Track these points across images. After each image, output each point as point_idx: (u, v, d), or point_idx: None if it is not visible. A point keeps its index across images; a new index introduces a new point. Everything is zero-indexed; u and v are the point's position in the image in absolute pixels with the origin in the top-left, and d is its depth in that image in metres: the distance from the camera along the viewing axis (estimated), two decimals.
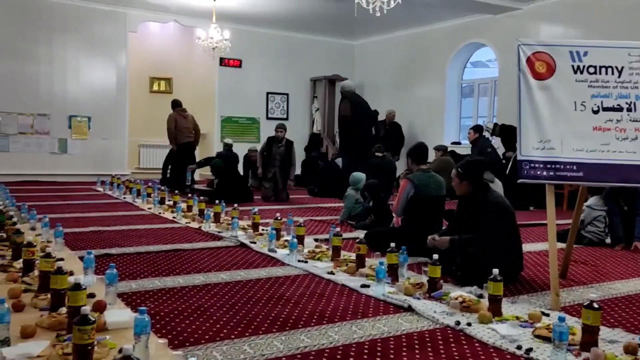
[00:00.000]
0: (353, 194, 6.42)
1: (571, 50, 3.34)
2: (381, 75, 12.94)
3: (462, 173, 3.82)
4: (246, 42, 12.14)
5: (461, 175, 3.82)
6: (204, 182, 9.93)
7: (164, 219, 6.19)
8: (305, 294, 3.35)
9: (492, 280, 2.94)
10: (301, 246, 4.53)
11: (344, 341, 2.55)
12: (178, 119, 9.34)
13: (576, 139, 3.28)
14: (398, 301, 3.16)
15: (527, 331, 2.70)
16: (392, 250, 3.69)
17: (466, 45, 11.09)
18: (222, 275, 3.72)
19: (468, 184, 3.80)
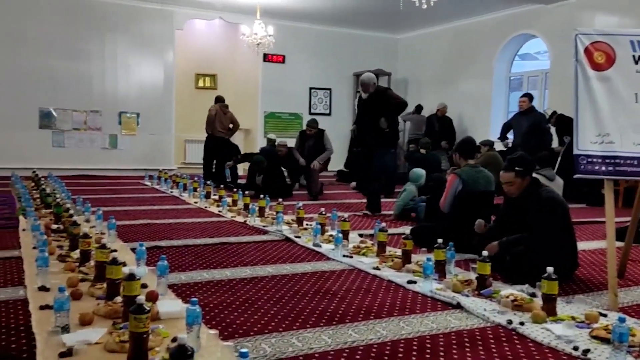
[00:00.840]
0: (412, 190, 6.33)
1: (632, 40, 3.19)
2: (425, 70, 12.75)
3: (523, 170, 3.66)
4: (289, 38, 12.18)
5: (522, 173, 3.66)
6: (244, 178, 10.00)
7: (210, 213, 6.29)
8: (351, 288, 3.33)
9: (547, 279, 2.84)
10: (346, 241, 4.52)
11: (392, 337, 2.52)
12: (218, 112, 9.50)
13: (636, 133, 3.13)
14: (446, 298, 3.11)
15: (583, 332, 2.60)
16: (439, 247, 3.63)
17: (515, 37, 10.77)
18: (268, 269, 3.74)
19: (525, 180, 3.67)
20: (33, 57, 10.27)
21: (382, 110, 6.39)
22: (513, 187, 3.69)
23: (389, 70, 13.06)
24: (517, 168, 3.66)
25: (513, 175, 3.67)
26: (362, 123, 6.64)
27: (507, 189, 3.73)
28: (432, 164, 8.17)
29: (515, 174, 3.66)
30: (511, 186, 3.70)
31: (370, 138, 6.44)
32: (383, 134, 6.41)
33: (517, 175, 3.66)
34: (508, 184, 3.71)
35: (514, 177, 3.67)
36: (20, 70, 10.17)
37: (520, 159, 3.75)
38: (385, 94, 6.61)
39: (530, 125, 7.77)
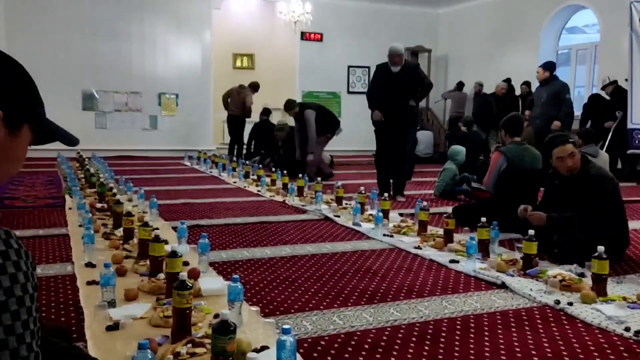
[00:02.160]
0: (453, 168, 6.21)
1: None
2: (467, 46, 12.40)
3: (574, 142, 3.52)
4: (327, 15, 12.04)
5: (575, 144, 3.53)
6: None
7: (249, 192, 6.34)
8: (392, 267, 3.29)
9: (597, 258, 2.73)
10: (386, 220, 4.47)
11: (435, 316, 2.48)
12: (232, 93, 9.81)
13: None
14: (490, 277, 3.03)
15: (635, 312, 2.50)
16: (483, 225, 3.54)
17: (563, 8, 10.31)
18: (308, 248, 3.74)
19: (578, 152, 3.53)
20: (76, 40, 10.51)
21: (413, 87, 5.98)
22: (575, 158, 3.50)
23: (429, 46, 12.77)
24: (570, 140, 3.53)
25: (572, 146, 3.51)
26: (389, 99, 5.94)
27: (570, 162, 3.50)
28: (474, 142, 7.94)
29: (572, 145, 3.51)
30: (573, 158, 3.50)
31: (399, 116, 5.92)
32: (412, 113, 6.06)
33: (575, 146, 3.52)
34: (570, 156, 3.49)
35: (574, 147, 3.51)
36: (64, 53, 10.43)
37: (564, 134, 3.62)
38: (417, 70, 6.19)
39: (549, 95, 7.25)
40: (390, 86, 5.95)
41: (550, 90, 7.29)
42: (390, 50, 5.96)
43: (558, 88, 7.28)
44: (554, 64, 7.71)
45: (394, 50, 5.95)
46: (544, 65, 7.60)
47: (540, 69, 7.60)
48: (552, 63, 7.71)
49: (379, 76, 6.13)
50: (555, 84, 7.35)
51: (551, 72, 7.47)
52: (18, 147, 0.95)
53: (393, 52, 5.95)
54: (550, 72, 7.45)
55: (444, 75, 13.16)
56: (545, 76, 7.44)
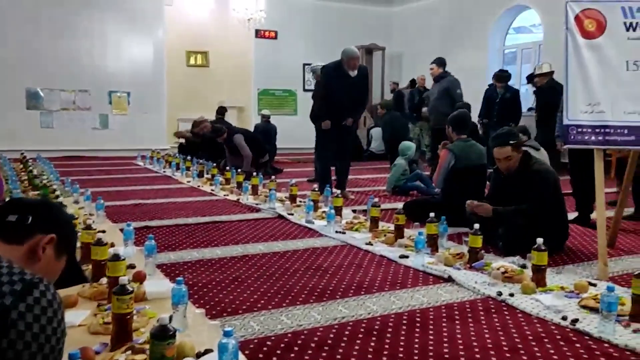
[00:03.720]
0: (403, 164, 6.30)
1: (623, 6, 3.11)
2: (420, 43, 12.58)
3: (516, 143, 3.61)
4: (281, 13, 12.00)
5: (517, 145, 3.61)
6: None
7: (203, 192, 6.26)
8: (343, 264, 3.32)
9: (536, 250, 2.84)
10: (339, 217, 4.50)
11: (382, 312, 2.52)
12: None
13: (628, 101, 3.09)
14: (438, 272, 3.10)
15: (572, 302, 2.60)
16: (431, 221, 3.61)
17: (508, 9, 10.62)
18: (260, 247, 3.73)
19: (520, 153, 3.64)
20: (18, 36, 10.09)
21: (364, 91, 5.98)
22: (512, 161, 3.63)
23: (383, 44, 12.91)
24: (511, 142, 3.61)
25: (510, 149, 3.60)
26: (343, 103, 5.74)
27: (506, 164, 3.65)
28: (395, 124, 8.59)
29: (512, 148, 3.61)
30: (510, 160, 3.63)
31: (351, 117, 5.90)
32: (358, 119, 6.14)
33: (514, 148, 3.61)
34: (507, 159, 3.63)
35: (511, 150, 3.61)
36: (4, 50, 10.00)
37: (509, 133, 3.71)
38: (367, 77, 6.08)
39: (439, 92, 7.13)
40: (345, 90, 5.74)
41: (441, 87, 7.14)
42: (350, 54, 5.72)
43: (447, 84, 7.10)
44: (444, 60, 7.38)
45: (353, 53, 5.74)
46: (437, 62, 7.33)
47: (434, 66, 7.34)
48: (442, 59, 7.37)
49: (333, 79, 5.83)
50: (445, 80, 7.17)
51: (444, 68, 7.28)
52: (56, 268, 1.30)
53: (353, 55, 5.72)
54: (443, 68, 7.26)
55: (398, 72, 13.32)
56: (438, 72, 7.26)
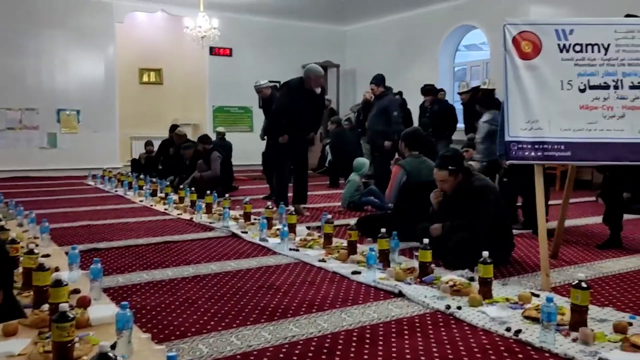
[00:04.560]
0: (357, 180, 6.38)
1: (557, 29, 3.29)
2: (373, 61, 12.81)
3: (455, 169, 3.71)
4: (236, 31, 12.01)
5: (455, 171, 3.71)
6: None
7: (156, 211, 6.15)
8: (295, 282, 3.33)
9: (482, 263, 2.92)
10: (293, 234, 4.51)
11: (333, 329, 2.53)
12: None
13: (563, 119, 3.24)
14: (389, 287, 3.15)
15: (517, 313, 2.68)
16: (383, 236, 3.67)
17: (457, 28, 10.99)
18: (212, 266, 3.69)
19: (458, 177, 3.74)
20: None
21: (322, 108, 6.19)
22: (447, 184, 3.76)
23: (337, 62, 13.09)
24: (450, 167, 3.71)
25: (447, 174, 3.72)
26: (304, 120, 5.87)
27: (441, 186, 3.79)
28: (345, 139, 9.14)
29: (449, 173, 3.71)
30: (445, 184, 3.76)
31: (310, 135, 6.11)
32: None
33: (451, 174, 3.71)
34: (442, 182, 3.76)
35: (448, 175, 3.72)
36: None
37: (452, 158, 3.80)
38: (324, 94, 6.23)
39: (377, 109, 7.05)
40: (307, 107, 5.80)
41: (380, 105, 7.02)
42: (316, 72, 5.78)
43: (386, 103, 7.02)
44: (383, 78, 7.16)
45: (319, 72, 5.80)
46: (375, 81, 7.15)
47: (373, 86, 7.16)
48: (381, 77, 7.16)
49: (296, 95, 5.83)
50: (386, 99, 7.11)
51: (384, 85, 7.16)
52: None
53: (318, 74, 5.78)
54: (383, 86, 7.13)
55: (353, 89, 13.53)
56: (379, 91, 7.09)
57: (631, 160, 3.36)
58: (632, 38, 3.29)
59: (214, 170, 7.55)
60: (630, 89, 3.27)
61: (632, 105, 3.25)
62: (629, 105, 3.25)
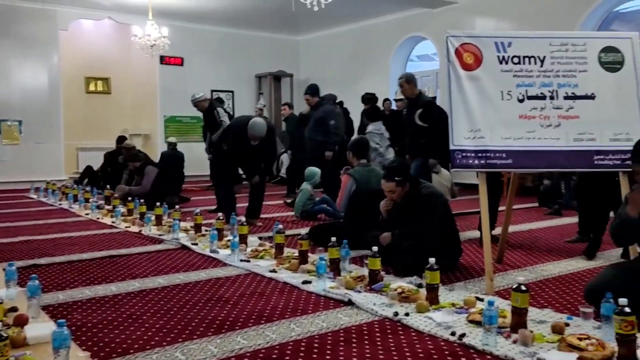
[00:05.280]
0: (308, 189, 6.39)
1: (496, 42, 3.42)
2: (327, 71, 12.94)
3: (402, 179, 3.76)
4: (187, 40, 11.87)
5: (402, 182, 3.77)
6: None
7: (102, 225, 5.97)
8: (245, 293, 3.29)
9: (429, 270, 2.96)
10: (244, 245, 4.47)
11: (281, 340, 2.51)
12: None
13: (504, 128, 3.36)
14: (338, 296, 3.15)
15: (462, 317, 2.74)
16: (333, 245, 3.68)
17: (407, 39, 11.24)
18: (160, 280, 3.60)
19: (406, 187, 3.80)
20: None
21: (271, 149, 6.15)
22: (395, 194, 3.81)
23: (290, 71, 13.13)
24: (397, 178, 3.77)
25: (394, 184, 3.77)
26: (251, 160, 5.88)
27: (390, 196, 3.84)
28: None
29: (396, 184, 3.77)
30: (393, 194, 3.81)
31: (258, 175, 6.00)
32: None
33: (398, 184, 3.77)
34: (390, 192, 3.81)
35: (395, 186, 3.77)
36: None
37: (398, 168, 3.85)
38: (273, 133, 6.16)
39: (314, 120, 7.03)
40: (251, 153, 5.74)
41: (317, 115, 7.03)
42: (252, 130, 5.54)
43: (322, 113, 6.97)
44: (317, 88, 7.23)
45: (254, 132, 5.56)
46: (309, 92, 7.18)
47: (308, 96, 7.19)
48: (315, 87, 7.22)
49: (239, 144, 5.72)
50: (321, 109, 7.09)
51: (319, 96, 7.17)
52: None
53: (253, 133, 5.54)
54: (318, 97, 7.15)
55: None
56: (315, 101, 7.11)
57: (567, 167, 3.52)
58: (566, 51, 3.45)
59: (143, 186, 7.32)
60: (565, 99, 3.43)
61: (566, 115, 3.40)
62: (563, 115, 3.41)
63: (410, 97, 5.51)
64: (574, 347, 2.22)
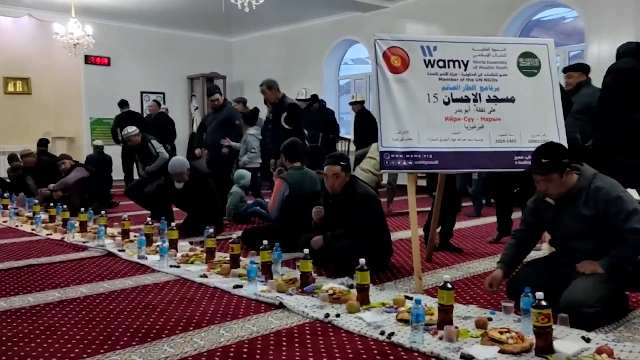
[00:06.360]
0: (238, 192, 6.32)
1: (422, 45, 3.50)
2: (260, 73, 12.66)
3: (346, 165, 3.83)
4: (114, 39, 11.43)
5: (346, 168, 3.82)
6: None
7: (21, 232, 5.63)
8: (173, 300, 3.19)
9: (359, 270, 2.98)
10: (174, 251, 4.34)
11: (210, 346, 2.45)
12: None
13: (431, 129, 3.45)
14: (269, 299, 3.12)
15: (391, 316, 2.78)
16: (265, 248, 3.64)
17: (340, 42, 11.37)
18: (82, 289, 3.43)
19: (347, 176, 3.85)
20: None
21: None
22: (339, 179, 3.81)
23: (224, 73, 12.94)
24: (342, 163, 3.82)
25: (340, 168, 3.79)
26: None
27: (333, 181, 3.83)
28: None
29: (341, 168, 3.80)
30: (337, 179, 3.81)
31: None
32: None
33: (342, 169, 3.81)
34: (335, 176, 3.80)
35: (340, 170, 3.79)
36: None
37: (342, 157, 3.93)
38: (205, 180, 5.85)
39: (218, 122, 6.86)
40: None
41: (221, 116, 6.85)
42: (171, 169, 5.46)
43: (227, 113, 6.85)
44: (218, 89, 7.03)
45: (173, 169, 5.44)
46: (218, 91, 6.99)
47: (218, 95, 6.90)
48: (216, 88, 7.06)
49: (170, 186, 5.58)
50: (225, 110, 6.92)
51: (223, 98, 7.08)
52: None
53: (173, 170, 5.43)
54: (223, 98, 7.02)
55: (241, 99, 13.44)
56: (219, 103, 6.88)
57: (490, 167, 3.66)
58: (487, 55, 3.60)
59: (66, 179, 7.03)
60: (487, 102, 3.57)
61: (489, 117, 3.54)
62: (486, 117, 3.54)
63: (274, 102, 5.70)
64: (496, 341, 2.30)
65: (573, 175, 2.78)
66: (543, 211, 2.94)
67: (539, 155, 2.80)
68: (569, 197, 2.79)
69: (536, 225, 3.03)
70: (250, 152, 6.99)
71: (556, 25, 9.36)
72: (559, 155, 2.77)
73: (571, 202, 2.80)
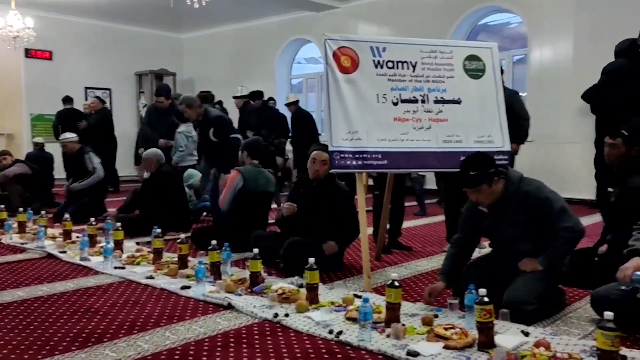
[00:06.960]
0: (187, 192, 6.19)
1: (372, 46, 3.53)
2: (211, 71, 12.65)
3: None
4: (57, 32, 10.98)
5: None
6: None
7: None
8: (117, 303, 3.09)
9: (308, 270, 2.98)
10: (119, 251, 4.22)
11: (154, 350, 2.39)
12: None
13: (380, 129, 3.48)
14: (218, 300, 3.07)
15: (340, 315, 2.79)
16: (214, 248, 3.58)
17: (292, 41, 11.35)
18: (19, 293, 3.28)
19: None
20: None
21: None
22: (325, 167, 3.77)
23: (173, 70, 12.67)
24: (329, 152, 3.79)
25: (328, 157, 3.68)
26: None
27: (320, 167, 3.81)
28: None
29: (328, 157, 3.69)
30: (324, 165, 3.77)
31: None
32: None
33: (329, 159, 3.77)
34: (322, 162, 3.77)
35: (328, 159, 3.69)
36: None
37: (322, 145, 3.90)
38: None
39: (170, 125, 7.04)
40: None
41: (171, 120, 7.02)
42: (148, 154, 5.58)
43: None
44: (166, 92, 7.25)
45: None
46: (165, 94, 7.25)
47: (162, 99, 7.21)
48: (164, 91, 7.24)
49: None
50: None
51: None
52: None
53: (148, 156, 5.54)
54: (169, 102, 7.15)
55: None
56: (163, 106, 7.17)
57: (438, 167, 3.74)
58: (435, 57, 3.67)
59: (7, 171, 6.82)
60: (435, 103, 3.64)
61: (436, 118, 3.61)
62: (434, 118, 3.61)
63: (198, 118, 5.43)
64: (441, 337, 2.35)
65: (501, 181, 2.88)
66: (478, 219, 3.02)
67: (466, 168, 2.88)
68: (500, 204, 2.89)
69: (474, 232, 3.12)
70: (179, 151, 6.70)
71: (501, 30, 9.68)
72: (485, 166, 2.85)
73: (503, 210, 2.90)
